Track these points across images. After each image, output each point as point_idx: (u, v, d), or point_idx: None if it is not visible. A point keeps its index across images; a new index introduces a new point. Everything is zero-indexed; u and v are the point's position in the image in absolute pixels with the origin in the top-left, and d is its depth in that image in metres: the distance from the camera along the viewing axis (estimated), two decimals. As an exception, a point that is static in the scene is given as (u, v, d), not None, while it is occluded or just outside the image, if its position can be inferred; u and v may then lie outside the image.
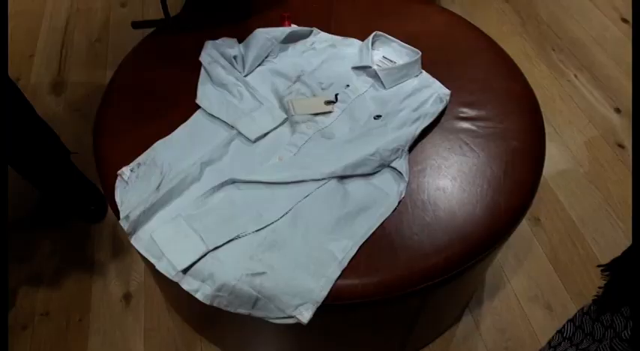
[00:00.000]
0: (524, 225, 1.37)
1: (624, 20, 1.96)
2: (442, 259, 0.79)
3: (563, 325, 0.76)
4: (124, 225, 0.81)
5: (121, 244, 1.33)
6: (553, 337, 0.77)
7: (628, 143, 1.57)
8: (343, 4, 1.18)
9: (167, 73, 1.02)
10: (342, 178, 0.84)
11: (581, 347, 0.68)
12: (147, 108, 0.97)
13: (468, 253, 0.81)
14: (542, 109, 1.01)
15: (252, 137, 0.88)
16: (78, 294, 1.25)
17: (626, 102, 1.69)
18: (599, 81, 1.75)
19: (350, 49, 1.04)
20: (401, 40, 1.03)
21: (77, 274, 1.28)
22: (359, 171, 0.84)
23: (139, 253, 0.80)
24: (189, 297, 0.76)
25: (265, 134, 0.90)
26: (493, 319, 1.21)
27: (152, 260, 0.77)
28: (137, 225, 0.80)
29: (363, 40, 1.05)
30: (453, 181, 0.86)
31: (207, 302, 0.75)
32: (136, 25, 1.68)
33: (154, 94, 0.99)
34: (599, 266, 0.65)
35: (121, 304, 1.23)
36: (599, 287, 0.66)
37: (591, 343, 0.67)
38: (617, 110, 1.66)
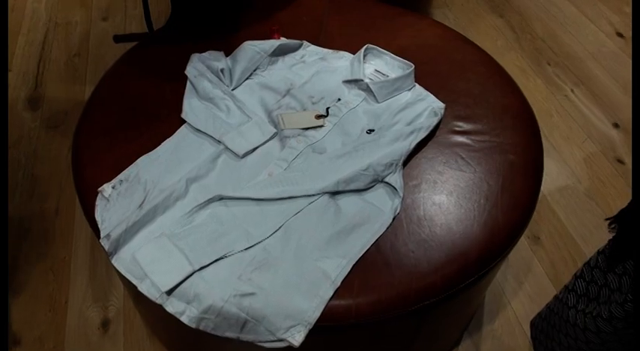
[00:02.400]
0: (523, 244, 1.38)
1: (619, 35, 2.02)
2: (439, 277, 0.79)
3: (573, 283, 0.77)
4: (105, 244, 0.80)
5: (99, 266, 1.32)
6: (565, 296, 0.78)
7: (628, 159, 1.60)
8: (334, 17, 1.20)
9: (151, 87, 1.03)
10: (334, 194, 0.85)
11: (601, 300, 0.69)
12: (129, 123, 0.97)
13: (466, 270, 0.82)
14: (539, 124, 1.02)
15: (240, 152, 0.89)
16: (52, 320, 1.23)
17: (625, 117, 1.73)
18: (596, 96, 1.80)
19: (341, 62, 1.06)
20: (393, 53, 1.04)
21: (51, 299, 1.27)
22: (352, 186, 0.85)
23: (120, 274, 0.79)
24: (173, 321, 0.75)
25: (254, 149, 0.90)
26: (494, 343, 1.21)
27: (134, 281, 0.77)
28: (118, 244, 0.79)
29: (354, 53, 1.06)
30: (449, 196, 0.87)
31: (193, 325, 0.75)
32: (118, 39, 1.69)
33: (136, 109, 1.00)
34: (606, 219, 0.67)
35: (98, 332, 1.21)
36: (609, 240, 0.68)
37: (610, 293, 0.68)
38: (616, 125, 1.70)
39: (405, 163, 0.91)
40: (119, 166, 0.89)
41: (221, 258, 0.77)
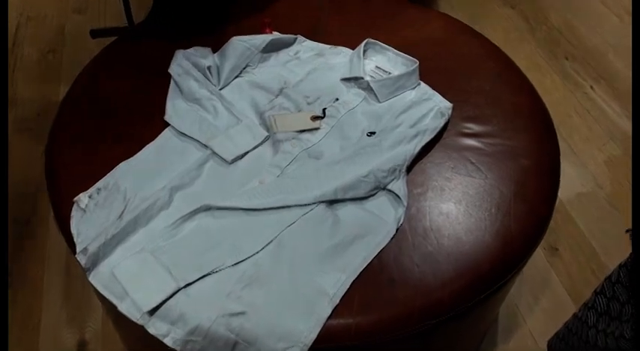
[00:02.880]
0: (540, 255, 1.39)
1: (643, 26, 2.04)
2: (447, 293, 0.79)
3: (593, 300, 0.77)
4: (81, 260, 0.80)
5: (75, 283, 1.32)
6: (585, 314, 0.78)
7: (653, 162, 1.61)
8: (331, 9, 1.20)
9: (131, 86, 1.03)
10: (331, 203, 0.85)
11: (623, 319, 0.69)
12: (108, 127, 0.97)
13: (476, 286, 0.82)
14: (555, 125, 1.04)
15: (229, 158, 0.89)
16: (23, 343, 1.23)
17: (649, 116, 1.74)
18: (618, 93, 1.80)
19: (339, 58, 1.06)
20: (396, 48, 1.04)
21: (22, 319, 1.26)
22: (351, 194, 0.85)
23: (98, 292, 0.79)
24: (156, 343, 0.75)
25: (244, 154, 0.91)
26: (508, 365, 1.22)
27: (113, 300, 0.76)
28: (96, 260, 0.79)
29: (353, 48, 1.06)
30: (457, 204, 0.88)
31: (178, 348, 0.74)
32: (95, 33, 1.69)
33: (116, 110, 1.00)
34: (627, 231, 0.67)
35: (74, 355, 1.21)
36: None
37: (633, 311, 0.68)
38: (640, 125, 1.71)
39: (409, 168, 0.91)
40: (96, 173, 0.88)
41: (208, 274, 0.77)
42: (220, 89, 1.01)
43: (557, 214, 0.94)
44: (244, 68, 1.04)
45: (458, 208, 0.87)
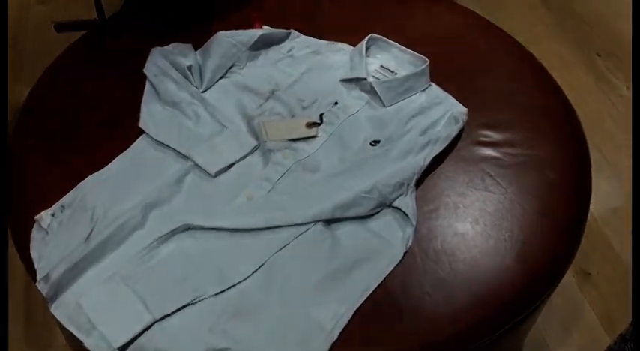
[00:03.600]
0: (570, 281, 1.38)
1: (685, 18, 2.05)
2: (463, 326, 0.79)
3: (631, 330, 0.78)
4: (43, 288, 0.79)
5: (36, 313, 1.31)
6: (621, 347, 0.79)
7: (698, 173, 1.61)
8: (330, 1, 1.21)
9: (101, 88, 1.04)
10: (329, 222, 0.84)
11: None
12: (74, 134, 0.98)
13: (497, 317, 0.81)
14: (586, 132, 1.03)
15: (213, 171, 0.89)
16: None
17: (694, 121, 1.74)
18: (658, 95, 1.82)
19: (338, 56, 1.06)
20: (403, 45, 1.04)
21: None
22: (352, 213, 0.85)
23: (61, 325, 0.78)
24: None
25: (229, 167, 0.91)
26: (534, 407, 1.21)
27: (79, 335, 0.76)
28: (60, 288, 0.78)
29: (354, 45, 1.06)
30: (474, 224, 0.88)
31: (153, 390, 0.75)
32: (60, 27, 1.70)
33: (83, 116, 1.00)
34: None
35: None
36: None
37: None
38: (683, 131, 1.72)
39: (419, 183, 0.91)
40: (61, 188, 0.88)
41: (188, 304, 0.76)
42: (203, 92, 1.01)
43: (588, 234, 0.93)
44: (230, 68, 1.04)
45: (474, 227, 0.87)
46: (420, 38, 1.09)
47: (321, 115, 0.97)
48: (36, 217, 0.86)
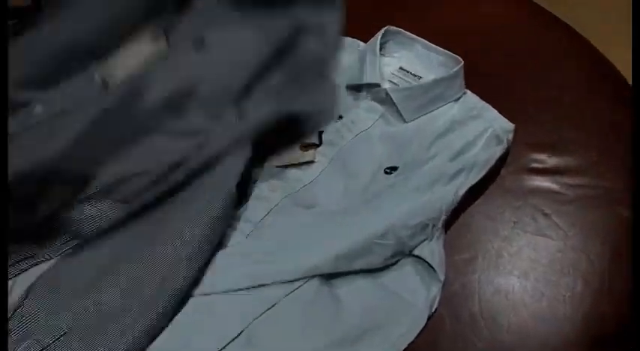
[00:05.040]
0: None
1: None
2: None
3: None
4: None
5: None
6: None
7: None
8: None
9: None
10: (329, 277, 0.81)
11: None
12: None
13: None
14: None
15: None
16: None
17: None
18: None
19: (344, 55, 1.03)
20: (429, 41, 1.02)
21: None
22: (359, 264, 0.82)
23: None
24: None
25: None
26: None
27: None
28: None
29: (366, 40, 1.05)
30: (522, 279, 0.85)
31: None
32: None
33: None
34: None
35: None
36: None
37: None
38: None
39: (449, 223, 0.88)
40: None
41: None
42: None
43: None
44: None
45: (523, 284, 0.84)
46: (453, 31, 1.09)
47: (320, 134, 0.95)
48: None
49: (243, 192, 0.88)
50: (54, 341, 0.75)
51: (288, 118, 0.87)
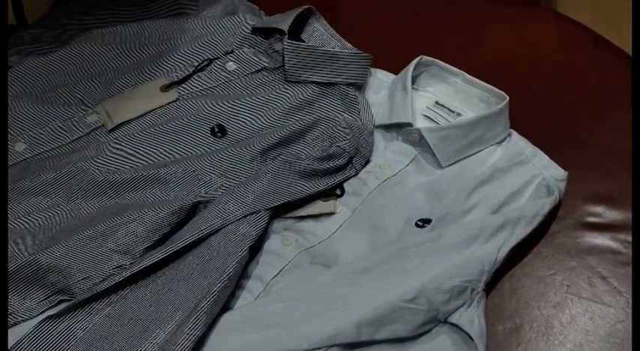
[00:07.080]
0: None
1: None
2: None
3: None
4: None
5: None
6: None
7: None
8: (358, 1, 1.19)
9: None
10: (352, 347, 0.80)
11: None
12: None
13: None
14: None
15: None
16: None
17: None
18: None
19: (370, 91, 1.04)
20: (470, 73, 1.00)
21: None
22: (385, 333, 0.79)
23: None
24: None
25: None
26: None
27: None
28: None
29: (396, 72, 1.03)
30: (577, 352, 0.79)
31: None
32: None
33: None
34: None
35: None
36: None
37: None
38: None
39: (490, 286, 0.86)
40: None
41: None
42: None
43: None
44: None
45: (578, 359, 0.79)
46: (497, 63, 1.07)
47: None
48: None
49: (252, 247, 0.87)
50: None
51: None
